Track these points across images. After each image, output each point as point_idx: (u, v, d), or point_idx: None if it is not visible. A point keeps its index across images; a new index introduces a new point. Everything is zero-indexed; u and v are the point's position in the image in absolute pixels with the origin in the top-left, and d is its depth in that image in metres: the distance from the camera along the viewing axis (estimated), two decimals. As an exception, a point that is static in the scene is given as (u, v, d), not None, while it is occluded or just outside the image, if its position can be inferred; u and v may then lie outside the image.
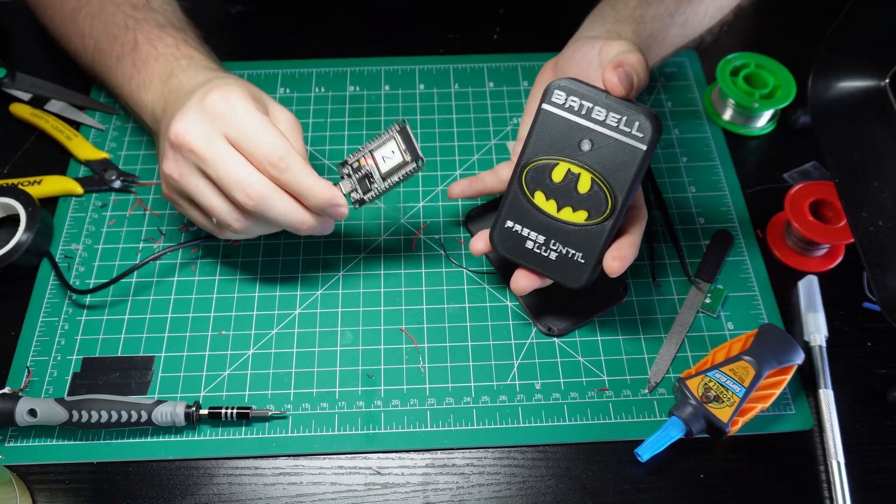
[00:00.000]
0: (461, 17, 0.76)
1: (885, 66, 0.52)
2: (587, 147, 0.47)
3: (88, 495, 0.49)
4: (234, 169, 0.47)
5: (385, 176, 0.51)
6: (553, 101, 0.47)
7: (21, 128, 0.66)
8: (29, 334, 0.55)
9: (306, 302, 0.57)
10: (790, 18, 0.75)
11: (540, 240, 0.50)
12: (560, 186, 0.48)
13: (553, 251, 0.50)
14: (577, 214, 0.49)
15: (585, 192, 0.48)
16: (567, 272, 0.50)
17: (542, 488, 0.49)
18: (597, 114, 0.46)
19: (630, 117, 0.46)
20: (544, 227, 0.50)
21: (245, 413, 0.50)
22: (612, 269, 0.48)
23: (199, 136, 0.47)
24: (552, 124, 0.48)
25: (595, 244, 0.49)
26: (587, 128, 0.47)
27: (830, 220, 0.58)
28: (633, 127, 0.46)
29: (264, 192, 0.47)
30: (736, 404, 0.49)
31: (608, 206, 0.47)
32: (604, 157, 0.47)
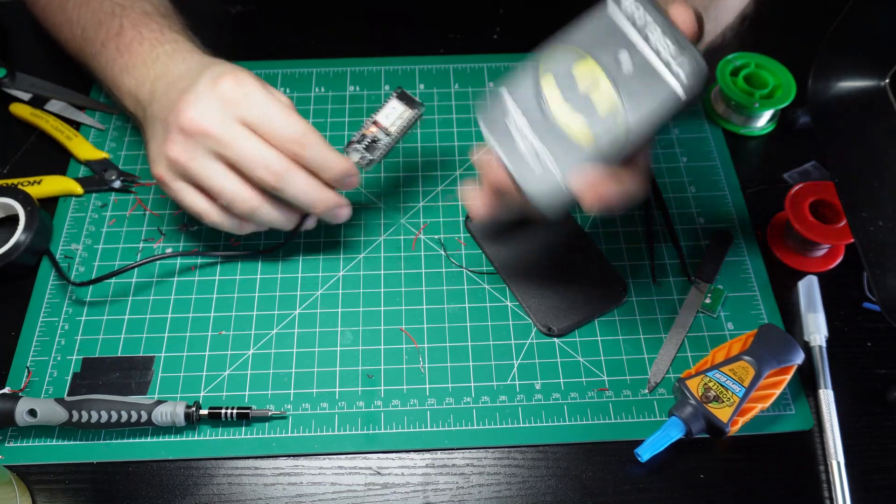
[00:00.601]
0: (461, 17, 0.76)
1: (885, 66, 0.52)
2: (624, 61, 0.41)
3: (88, 495, 0.49)
4: (254, 148, 0.48)
5: (389, 130, 0.52)
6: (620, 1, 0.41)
7: (21, 128, 0.66)
8: (29, 334, 0.55)
9: (306, 302, 0.57)
10: (790, 18, 0.75)
11: (525, 129, 0.43)
12: (575, 83, 0.42)
13: (529, 141, 0.43)
14: (574, 123, 0.42)
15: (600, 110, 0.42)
16: (529, 174, 0.43)
17: (542, 488, 0.49)
18: (652, 35, 0.40)
19: (683, 54, 0.39)
20: (534, 114, 0.43)
21: (245, 413, 0.50)
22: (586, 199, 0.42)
23: (215, 121, 0.48)
24: (604, 24, 0.42)
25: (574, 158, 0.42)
26: (633, 42, 0.41)
27: (830, 220, 0.58)
28: (683, 68, 0.39)
29: (287, 166, 0.49)
30: (736, 404, 0.49)
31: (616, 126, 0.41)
32: (634, 81, 0.41)
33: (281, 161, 0.49)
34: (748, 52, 0.67)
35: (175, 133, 0.49)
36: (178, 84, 0.51)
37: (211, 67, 0.50)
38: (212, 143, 0.48)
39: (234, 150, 0.48)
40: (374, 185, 0.63)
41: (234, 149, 0.48)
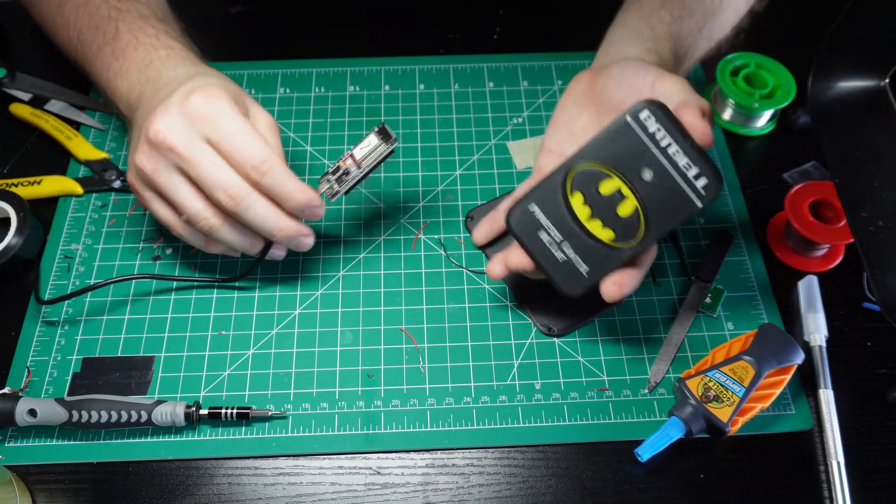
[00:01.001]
0: (461, 17, 0.76)
1: (885, 66, 0.52)
2: (647, 176, 0.46)
3: (88, 495, 0.49)
4: (215, 170, 0.48)
5: (360, 164, 0.52)
6: (639, 118, 0.45)
7: (21, 128, 0.66)
8: (29, 334, 0.55)
9: (306, 302, 0.57)
10: (790, 18, 0.75)
11: (557, 237, 0.49)
12: (602, 199, 0.47)
13: (563, 253, 0.49)
14: (604, 231, 0.48)
15: (623, 216, 0.47)
16: (566, 278, 0.50)
17: (542, 488, 0.49)
18: (672, 151, 0.45)
19: (700, 171, 0.45)
20: (567, 228, 0.49)
21: (245, 413, 0.50)
22: (611, 293, 0.48)
23: (180, 137, 0.47)
24: (626, 139, 0.46)
25: (606, 265, 0.48)
26: (656, 159, 0.45)
27: (830, 220, 0.58)
28: (699, 181, 0.45)
29: (245, 193, 0.48)
30: (736, 404, 0.49)
31: (637, 238, 0.47)
32: (657, 194, 0.46)
33: (240, 185, 0.48)
34: (748, 52, 0.67)
35: (143, 143, 0.48)
36: (161, 91, 0.50)
37: (192, 79, 0.50)
38: (175, 158, 0.48)
39: (195, 168, 0.48)
40: (374, 185, 0.63)
41: (196, 167, 0.47)
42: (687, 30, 0.57)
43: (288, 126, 0.66)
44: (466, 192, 0.63)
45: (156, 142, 0.47)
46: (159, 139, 0.47)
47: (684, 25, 0.57)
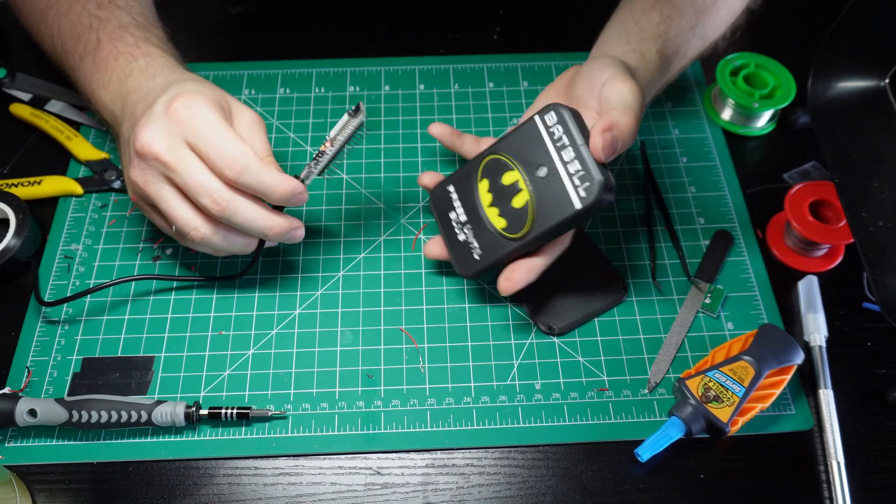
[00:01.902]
0: (461, 17, 0.76)
1: (885, 66, 0.52)
2: (542, 174, 0.48)
3: (88, 495, 0.49)
4: (199, 176, 0.47)
5: (333, 140, 0.52)
6: (545, 119, 0.48)
7: (21, 128, 0.66)
8: (29, 334, 0.55)
9: (306, 302, 0.57)
10: (790, 19, 0.75)
11: (461, 218, 0.53)
12: (502, 189, 0.50)
13: (463, 234, 0.52)
14: (498, 220, 0.51)
15: (516, 207, 0.49)
16: (461, 258, 0.53)
17: (542, 488, 0.49)
18: (565, 153, 0.47)
19: (586, 174, 0.46)
20: (471, 211, 0.52)
21: (245, 413, 0.50)
22: (501, 287, 0.50)
23: (164, 145, 0.47)
24: (531, 136, 0.49)
25: (495, 253, 0.51)
26: (551, 157, 0.48)
27: (830, 220, 0.58)
28: (583, 184, 0.46)
29: (230, 197, 0.48)
30: (736, 404, 0.49)
31: (523, 231, 0.49)
32: (546, 191, 0.48)
33: (223, 189, 0.48)
34: (748, 53, 0.67)
35: (133, 155, 0.49)
36: (142, 103, 0.50)
37: (171, 88, 0.50)
38: (162, 168, 0.48)
39: (180, 175, 0.48)
40: (375, 185, 0.63)
41: (180, 174, 0.47)
42: (677, 29, 0.57)
43: (288, 126, 0.66)
44: (466, 192, 0.63)
45: (143, 153, 0.48)
46: (146, 150, 0.47)
47: (674, 25, 0.57)
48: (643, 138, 0.66)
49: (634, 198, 0.63)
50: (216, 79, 0.69)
